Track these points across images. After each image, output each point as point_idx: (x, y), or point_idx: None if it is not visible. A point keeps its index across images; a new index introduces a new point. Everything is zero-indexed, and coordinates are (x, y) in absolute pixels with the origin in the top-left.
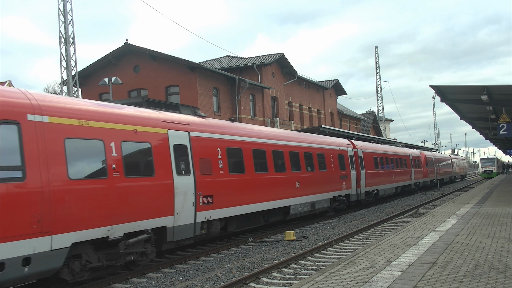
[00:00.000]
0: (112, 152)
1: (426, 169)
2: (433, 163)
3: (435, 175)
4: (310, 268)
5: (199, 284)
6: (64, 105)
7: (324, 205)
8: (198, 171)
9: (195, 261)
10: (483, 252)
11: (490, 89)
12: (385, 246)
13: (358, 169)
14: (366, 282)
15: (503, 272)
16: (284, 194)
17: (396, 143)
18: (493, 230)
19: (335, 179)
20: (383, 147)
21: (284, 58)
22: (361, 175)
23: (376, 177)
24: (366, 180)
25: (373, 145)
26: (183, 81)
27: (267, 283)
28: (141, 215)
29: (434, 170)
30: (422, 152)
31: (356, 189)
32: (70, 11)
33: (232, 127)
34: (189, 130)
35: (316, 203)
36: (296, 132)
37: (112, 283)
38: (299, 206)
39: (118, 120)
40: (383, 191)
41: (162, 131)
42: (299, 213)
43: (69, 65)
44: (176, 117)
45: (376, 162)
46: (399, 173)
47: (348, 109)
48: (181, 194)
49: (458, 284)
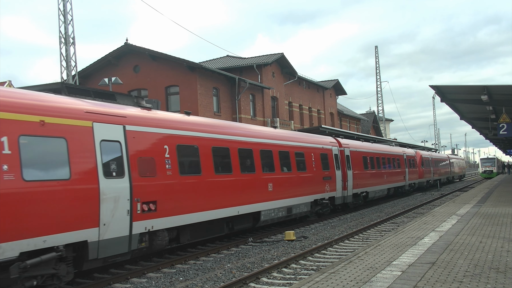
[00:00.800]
0: (3, 150)
1: (422, 169)
2: (430, 163)
3: (432, 176)
4: (310, 268)
5: (199, 284)
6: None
7: (303, 210)
8: (136, 173)
9: (195, 261)
10: (483, 252)
11: (490, 89)
12: (385, 246)
13: (344, 170)
14: (366, 282)
15: (503, 272)
16: (253, 198)
17: (390, 142)
18: (493, 230)
19: (316, 180)
20: (374, 145)
21: (284, 58)
22: (347, 176)
23: (365, 178)
24: (353, 181)
25: (362, 143)
26: (183, 81)
27: (267, 283)
28: (47, 228)
29: (430, 170)
30: (418, 151)
31: (342, 191)
32: (70, 11)
33: (186, 121)
34: (124, 124)
35: (293, 207)
36: (271, 129)
37: (112, 283)
38: (272, 212)
39: (14, 108)
40: (373, 193)
41: (85, 123)
42: (271, 219)
43: (69, 65)
44: (107, 107)
45: (366, 162)
46: (392, 173)
47: (348, 109)
48: (110, 201)
49: (458, 284)
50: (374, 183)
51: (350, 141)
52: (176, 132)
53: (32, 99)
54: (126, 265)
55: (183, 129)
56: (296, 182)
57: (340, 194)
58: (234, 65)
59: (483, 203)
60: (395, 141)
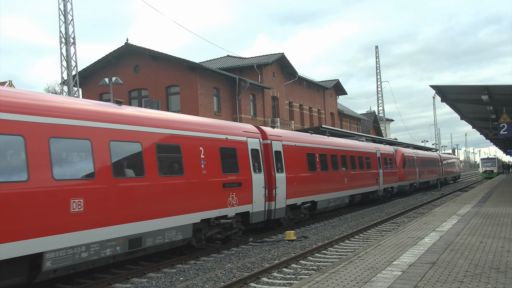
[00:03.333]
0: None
1: (404, 170)
2: (415, 163)
3: (418, 178)
4: (310, 268)
5: (200, 284)
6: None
7: (171, 239)
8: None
9: (196, 261)
10: (483, 252)
11: (491, 89)
12: (385, 246)
13: (270, 171)
14: (366, 282)
15: (504, 272)
16: None
17: (359, 137)
18: (493, 230)
19: (207, 190)
20: (327, 140)
21: (285, 58)
22: (275, 181)
23: (310, 182)
24: (288, 188)
25: (306, 136)
26: (183, 81)
27: (267, 283)
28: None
29: (415, 171)
30: (399, 149)
31: (265, 203)
32: (71, 11)
33: None
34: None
35: (145, 238)
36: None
37: (112, 283)
38: (69, 254)
39: None
40: (324, 203)
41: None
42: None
43: (69, 65)
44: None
45: (312, 161)
46: (357, 176)
47: (349, 109)
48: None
49: (459, 284)
50: (326, 189)
51: (286, 132)
52: None
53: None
54: (126, 265)
55: None
56: (153, 195)
57: (261, 208)
58: (234, 65)
59: (484, 203)
60: (368, 136)
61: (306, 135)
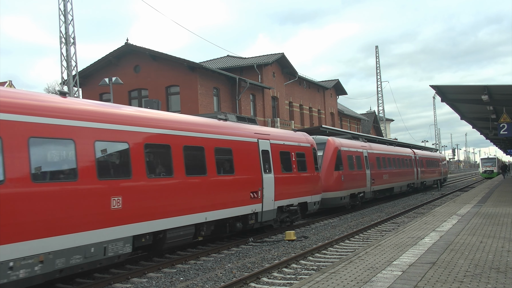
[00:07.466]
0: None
1: (339, 173)
2: (363, 162)
3: (368, 183)
4: (310, 268)
5: (200, 284)
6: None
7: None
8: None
9: (196, 261)
10: (483, 252)
11: (491, 89)
12: (385, 246)
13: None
14: (366, 282)
15: (504, 272)
16: None
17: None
18: (493, 230)
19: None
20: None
21: (285, 58)
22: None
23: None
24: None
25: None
26: (183, 81)
27: (267, 283)
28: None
29: (365, 174)
30: (331, 139)
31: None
32: (71, 11)
33: None
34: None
35: None
36: None
37: (112, 283)
38: None
39: None
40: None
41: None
42: None
43: (69, 65)
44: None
45: None
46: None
47: (349, 109)
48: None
49: (459, 284)
50: None
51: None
52: None
53: None
54: (126, 265)
55: None
56: None
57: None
58: (234, 65)
59: (484, 203)
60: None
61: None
